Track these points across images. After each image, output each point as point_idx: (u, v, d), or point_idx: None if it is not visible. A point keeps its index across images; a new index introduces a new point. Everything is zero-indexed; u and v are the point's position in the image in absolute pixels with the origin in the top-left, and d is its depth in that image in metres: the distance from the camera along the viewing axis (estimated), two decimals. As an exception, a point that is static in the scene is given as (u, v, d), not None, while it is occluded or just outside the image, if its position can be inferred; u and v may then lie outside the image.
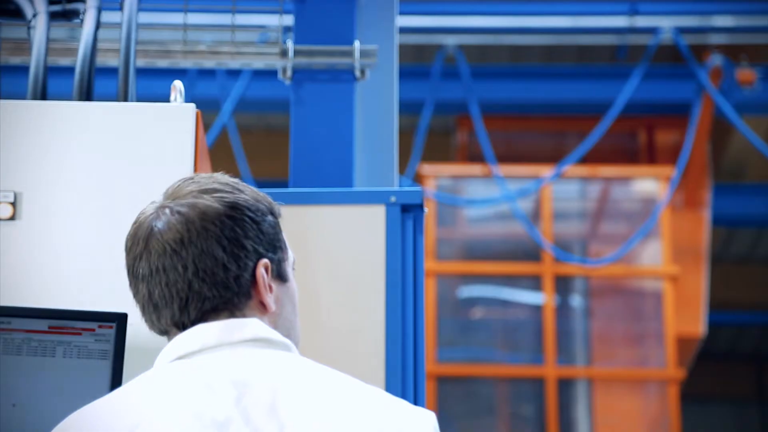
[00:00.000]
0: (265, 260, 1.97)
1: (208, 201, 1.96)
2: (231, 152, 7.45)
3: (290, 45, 3.65)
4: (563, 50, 9.87)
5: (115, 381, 2.30)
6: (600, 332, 8.35)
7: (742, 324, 12.63)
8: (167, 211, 1.97)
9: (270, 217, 2.00)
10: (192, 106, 2.63)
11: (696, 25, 7.88)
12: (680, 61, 8.06)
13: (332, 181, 3.54)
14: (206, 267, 1.93)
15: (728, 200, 9.19)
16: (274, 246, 1.99)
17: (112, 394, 1.92)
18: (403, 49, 5.11)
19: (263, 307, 1.97)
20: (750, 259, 12.44)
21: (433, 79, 8.04)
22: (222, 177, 2.02)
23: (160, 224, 1.96)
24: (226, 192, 1.98)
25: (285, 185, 3.62)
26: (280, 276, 2.00)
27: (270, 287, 1.97)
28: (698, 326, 8.42)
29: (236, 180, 2.04)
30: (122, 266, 2.01)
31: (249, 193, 2.01)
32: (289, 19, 3.79)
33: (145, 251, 1.96)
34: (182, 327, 1.95)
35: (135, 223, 2.00)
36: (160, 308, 1.95)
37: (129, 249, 1.99)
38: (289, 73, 3.65)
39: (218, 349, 1.92)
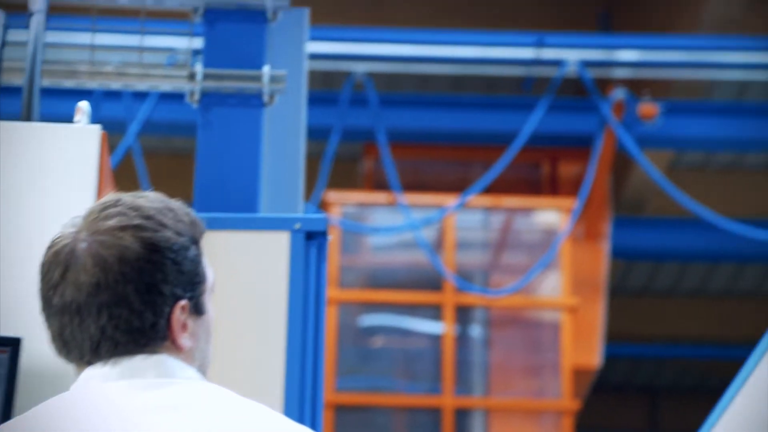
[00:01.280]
0: (182, 302, 1.93)
1: (127, 241, 1.90)
2: (135, 175, 7.38)
3: (199, 68, 3.63)
4: (471, 80, 9.94)
5: (7, 406, 2.25)
6: (498, 363, 8.40)
7: (637, 356, 12.79)
8: (84, 246, 1.91)
9: (192, 250, 1.96)
10: (97, 127, 2.59)
11: (601, 58, 8.00)
12: (585, 94, 8.16)
13: (237, 206, 3.52)
14: (121, 314, 1.89)
15: (627, 233, 9.31)
16: (193, 283, 1.95)
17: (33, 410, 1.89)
18: (313, 75, 5.12)
19: (178, 346, 1.94)
20: (647, 291, 12.61)
21: (342, 106, 8.05)
22: (148, 203, 1.95)
23: (77, 259, 1.90)
24: (149, 229, 1.92)
25: (189, 209, 3.59)
26: (197, 311, 1.97)
27: (185, 326, 1.95)
28: (594, 358, 8.51)
29: (163, 203, 1.96)
30: (20, 289, 1.97)
31: (173, 224, 1.94)
32: (198, 42, 3.77)
33: (61, 283, 1.90)
34: (91, 364, 1.92)
35: (51, 248, 1.94)
36: (70, 346, 1.92)
37: (44, 276, 1.93)
38: (196, 96, 3.63)
39: (126, 381, 1.90)
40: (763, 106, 8.45)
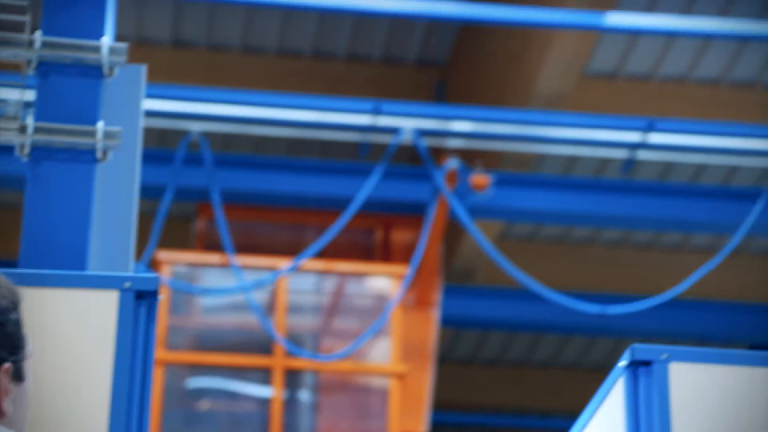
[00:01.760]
0: (6, 365, 1.88)
1: None
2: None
3: (30, 121, 3.56)
4: (307, 144, 9.98)
5: None
6: (326, 427, 8.36)
7: (463, 424, 12.88)
8: None
9: (14, 314, 1.91)
10: None
11: (435, 128, 8.11)
12: (419, 162, 8.26)
13: (65, 263, 3.44)
14: None
15: (457, 301, 9.41)
16: (15, 347, 1.90)
17: None
18: (148, 132, 5.07)
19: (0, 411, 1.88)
20: (474, 360, 12.74)
21: (176, 165, 7.98)
22: None
23: None
24: None
25: (15, 265, 3.50)
26: (18, 376, 1.91)
27: (8, 390, 1.88)
28: (421, 425, 8.54)
29: None
30: None
31: None
32: (31, 95, 3.70)
33: None
34: None
35: None
36: None
37: None
38: (27, 150, 3.55)
39: None
40: (590, 181, 8.67)
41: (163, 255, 8.36)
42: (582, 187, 8.54)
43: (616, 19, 7.83)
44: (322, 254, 8.42)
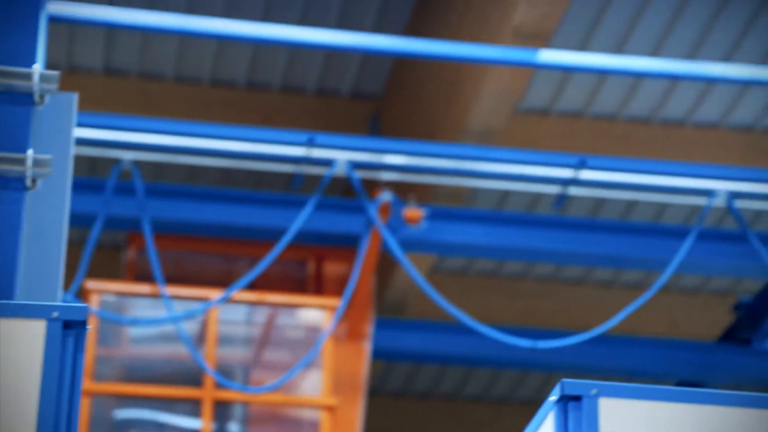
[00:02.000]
0: None
1: None
2: None
3: (-41, 147, 3.52)
4: (240, 174, 9.94)
5: None
6: (256, 460, 8.30)
7: (395, 457, 12.85)
8: None
9: None
10: None
11: (369, 161, 8.12)
12: (353, 194, 8.26)
13: (-8, 292, 3.40)
14: None
15: (388, 334, 9.40)
16: None
17: None
18: (78, 160, 5.04)
19: None
20: (406, 392, 12.73)
21: (107, 194, 7.92)
22: None
23: None
24: None
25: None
26: None
27: None
28: (352, 458, 8.51)
29: None
30: None
31: None
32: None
33: None
34: None
35: None
36: None
37: None
38: (-45, 176, 3.51)
39: None
40: (522, 216, 8.71)
41: (92, 284, 8.28)
42: (514, 222, 8.58)
43: (549, 56, 7.90)
44: (253, 285, 8.38)
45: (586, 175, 8.17)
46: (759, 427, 3.21)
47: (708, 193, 8.19)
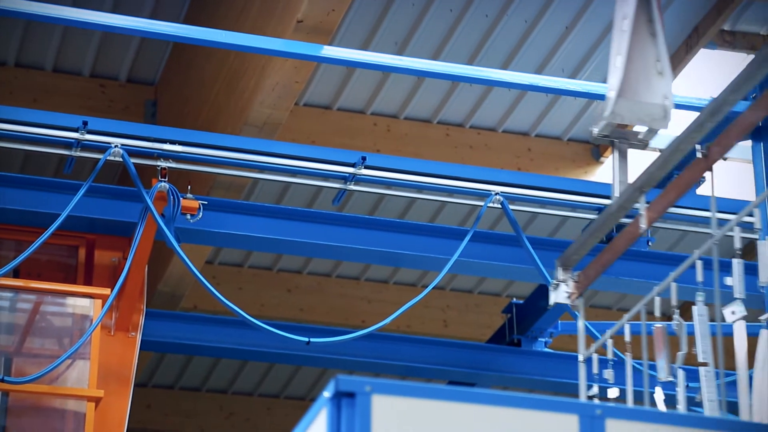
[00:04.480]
0: None
1: None
2: None
3: None
4: (9, 157, 9.61)
5: None
6: (16, 453, 8.01)
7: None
8: None
9: None
10: None
11: (146, 148, 7.92)
12: (129, 181, 8.03)
13: None
14: None
15: (161, 325, 9.23)
16: None
17: None
18: None
19: None
20: (177, 385, 12.56)
21: None
22: None
23: None
24: None
25: None
26: None
27: None
28: (119, 451, 8.30)
29: None
30: None
31: None
32: None
33: None
34: None
35: None
36: None
37: None
38: None
39: None
40: (302, 211, 8.65)
41: None
42: (294, 216, 8.51)
43: (331, 51, 7.88)
44: (20, 272, 8.08)
45: (366, 172, 8.17)
46: (525, 426, 3.24)
47: (484, 195, 8.29)
